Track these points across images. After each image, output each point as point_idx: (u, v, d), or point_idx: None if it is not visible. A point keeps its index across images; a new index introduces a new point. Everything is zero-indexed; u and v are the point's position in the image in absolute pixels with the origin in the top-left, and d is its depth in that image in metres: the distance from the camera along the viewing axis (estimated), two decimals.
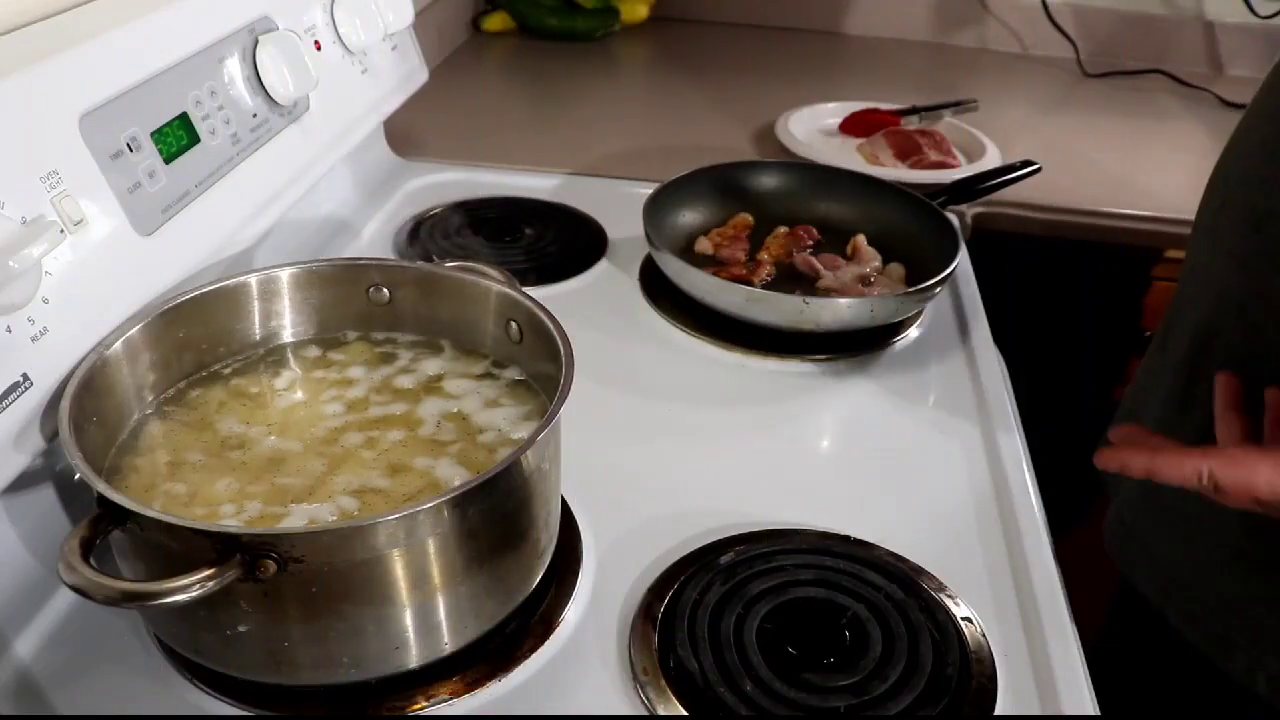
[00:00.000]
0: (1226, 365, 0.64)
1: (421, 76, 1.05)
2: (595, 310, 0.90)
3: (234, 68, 0.73)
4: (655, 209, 0.92)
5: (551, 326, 0.59)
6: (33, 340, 0.53)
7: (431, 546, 0.49)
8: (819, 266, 0.92)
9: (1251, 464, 0.50)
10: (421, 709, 0.54)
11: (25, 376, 0.52)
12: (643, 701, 0.54)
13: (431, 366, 0.66)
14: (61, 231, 0.55)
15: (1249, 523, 0.63)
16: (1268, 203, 0.61)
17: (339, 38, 0.88)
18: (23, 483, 0.56)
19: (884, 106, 1.33)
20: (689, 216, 0.99)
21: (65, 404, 0.51)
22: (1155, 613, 0.72)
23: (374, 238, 0.99)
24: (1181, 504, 0.69)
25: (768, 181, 1.03)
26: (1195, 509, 0.67)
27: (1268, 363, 0.61)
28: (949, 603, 0.60)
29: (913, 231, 0.95)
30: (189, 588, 0.43)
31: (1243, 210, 0.64)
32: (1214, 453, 0.52)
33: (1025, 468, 0.73)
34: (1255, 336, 0.62)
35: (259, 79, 0.75)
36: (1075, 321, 1.24)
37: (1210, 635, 0.69)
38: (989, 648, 0.58)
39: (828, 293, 0.89)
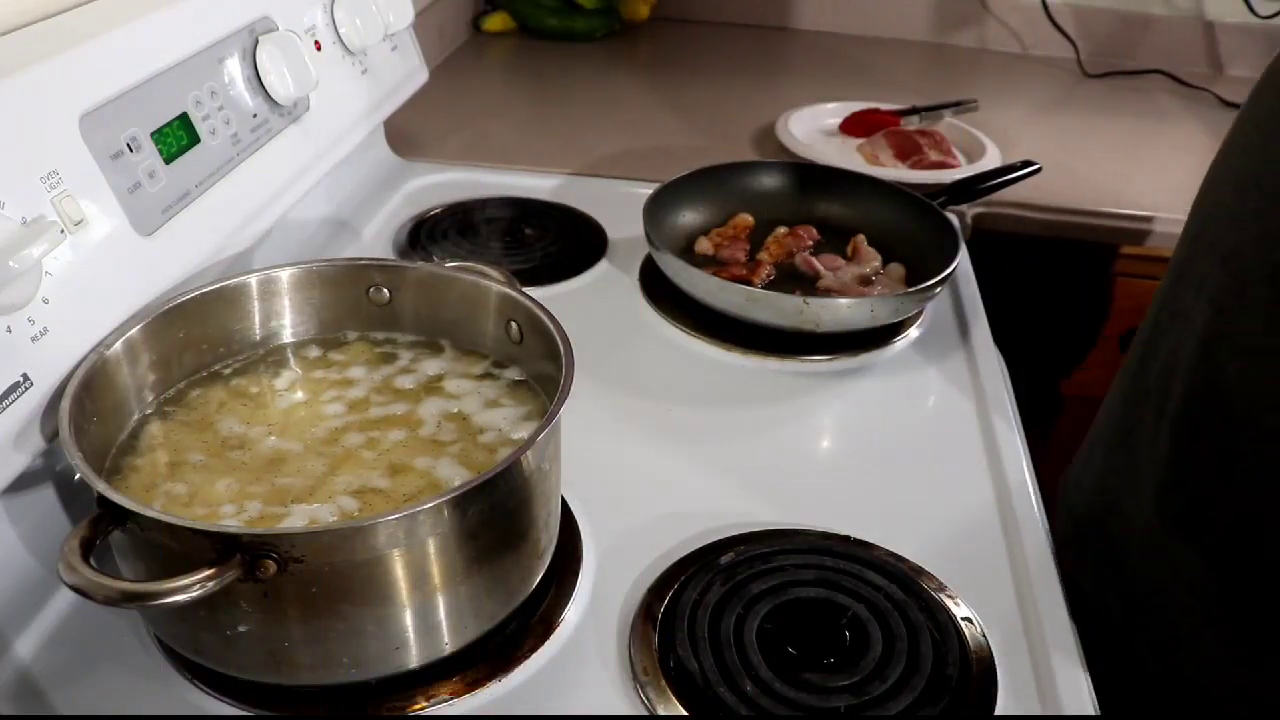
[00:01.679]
0: (1187, 403, 0.63)
1: (421, 77, 1.05)
2: (595, 310, 0.90)
3: (234, 68, 0.73)
4: (655, 209, 0.92)
5: (551, 326, 0.59)
6: (33, 340, 0.53)
7: (431, 546, 0.49)
8: (819, 266, 0.92)
9: None
10: (421, 709, 0.54)
11: (25, 376, 0.52)
12: (643, 701, 0.54)
13: (432, 367, 0.66)
14: (61, 232, 0.55)
15: (1213, 559, 0.62)
16: (1236, 238, 0.60)
17: (339, 38, 0.88)
18: (23, 483, 0.56)
19: (884, 106, 1.33)
20: (689, 216, 0.99)
21: (65, 404, 0.51)
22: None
23: (374, 238, 0.99)
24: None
25: (768, 181, 1.02)
26: (1155, 536, 0.65)
27: (1228, 404, 0.60)
28: (949, 603, 0.60)
29: (913, 231, 0.95)
30: (189, 588, 0.43)
31: (1209, 245, 0.63)
32: None
33: (1025, 467, 0.73)
34: (1218, 375, 0.61)
35: (259, 79, 0.75)
36: (1075, 321, 1.24)
37: (1181, 674, 0.66)
38: (989, 648, 0.58)
39: (828, 293, 0.89)
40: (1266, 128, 0.59)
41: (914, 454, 0.75)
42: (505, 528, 0.53)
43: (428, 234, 0.98)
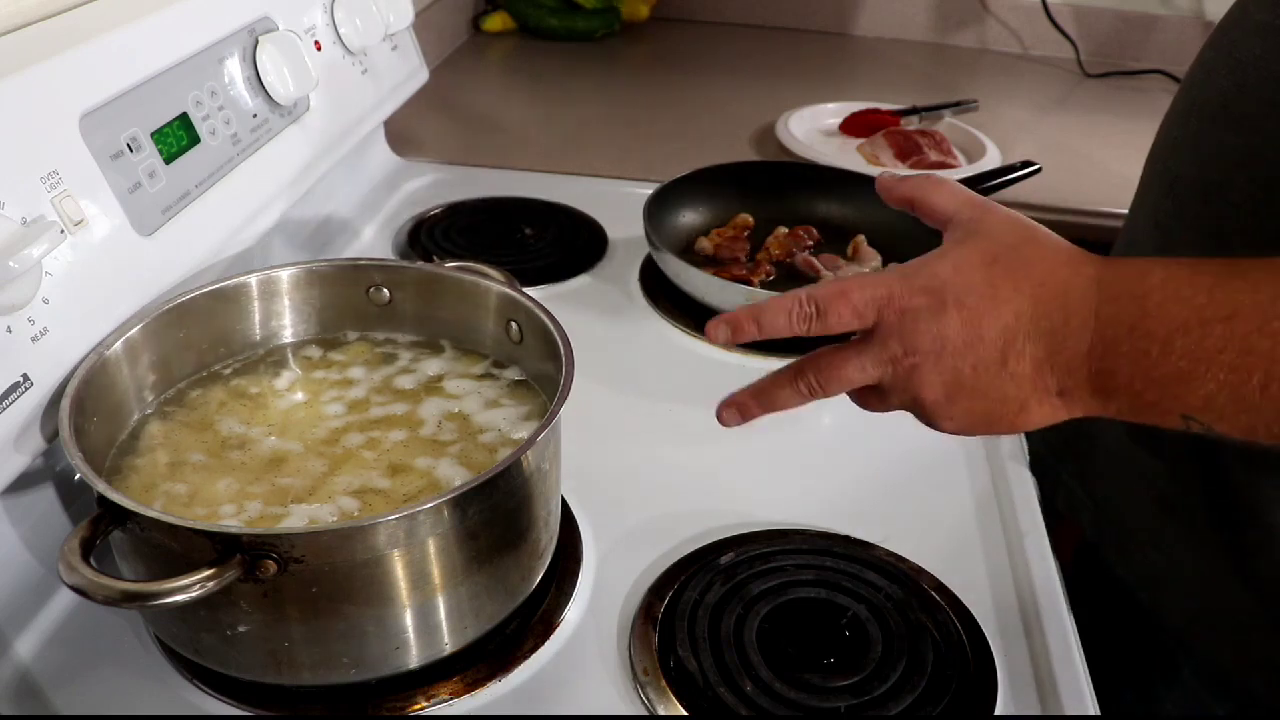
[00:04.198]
0: None
1: (422, 77, 1.05)
2: (595, 310, 0.90)
3: (234, 68, 0.73)
4: (655, 209, 0.92)
5: (551, 326, 0.59)
6: (33, 340, 0.53)
7: (432, 547, 0.49)
8: (819, 266, 0.92)
9: (843, 281, 0.52)
10: (421, 709, 0.54)
11: (25, 376, 0.52)
12: (643, 701, 0.54)
13: (432, 367, 0.66)
14: (61, 232, 0.55)
15: (1172, 467, 0.67)
16: (1178, 167, 0.67)
17: (339, 38, 0.88)
18: (23, 483, 0.56)
19: (884, 107, 1.33)
20: (689, 216, 0.99)
21: (65, 404, 0.51)
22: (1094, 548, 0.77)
23: (374, 238, 0.99)
24: (1109, 448, 0.73)
25: (768, 181, 1.02)
26: (1122, 451, 0.71)
27: None
28: (949, 603, 0.60)
29: (913, 231, 0.95)
30: (189, 588, 0.43)
31: (1160, 175, 0.69)
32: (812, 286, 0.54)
33: (1025, 467, 0.73)
34: None
35: (259, 79, 0.75)
36: None
37: (1141, 574, 0.73)
38: (989, 648, 0.58)
39: None
40: (1208, 67, 0.65)
41: (914, 454, 0.75)
42: (505, 528, 0.53)
43: (428, 234, 0.98)
